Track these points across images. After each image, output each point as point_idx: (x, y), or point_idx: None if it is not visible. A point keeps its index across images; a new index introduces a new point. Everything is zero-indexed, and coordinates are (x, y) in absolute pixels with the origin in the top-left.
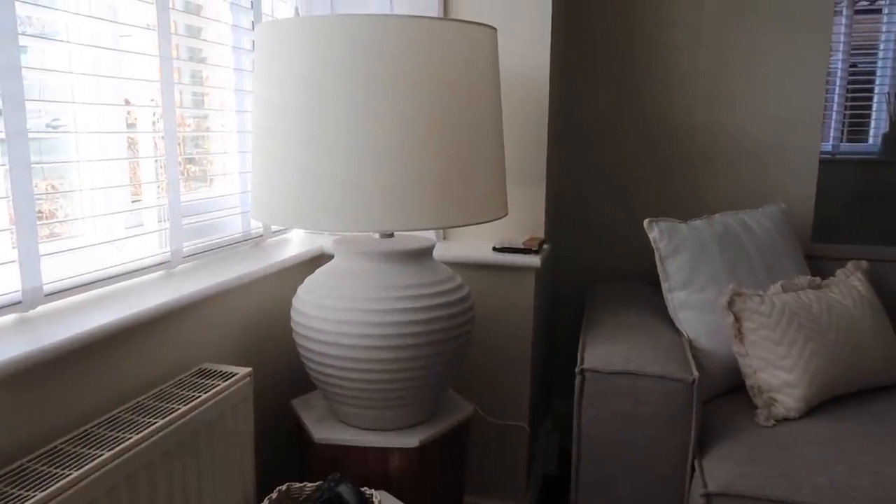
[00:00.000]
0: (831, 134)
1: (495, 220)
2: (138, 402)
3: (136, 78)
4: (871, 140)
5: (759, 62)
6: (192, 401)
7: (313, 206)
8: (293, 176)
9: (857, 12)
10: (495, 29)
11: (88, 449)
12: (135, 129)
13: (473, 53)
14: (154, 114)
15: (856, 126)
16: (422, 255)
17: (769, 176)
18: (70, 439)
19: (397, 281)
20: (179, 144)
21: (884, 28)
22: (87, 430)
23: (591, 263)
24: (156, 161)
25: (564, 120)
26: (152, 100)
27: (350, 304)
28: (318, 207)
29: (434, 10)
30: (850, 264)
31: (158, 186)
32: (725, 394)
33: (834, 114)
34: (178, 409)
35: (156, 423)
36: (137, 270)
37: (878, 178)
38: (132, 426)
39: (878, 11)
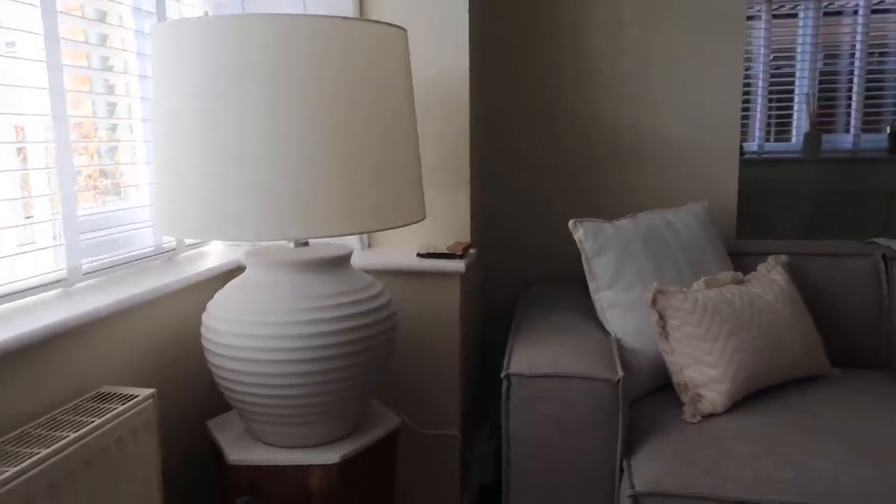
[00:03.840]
0: (756, 134)
1: (412, 223)
2: (23, 431)
3: (23, 85)
4: (793, 140)
5: (678, 65)
6: (84, 427)
7: (219, 215)
8: (197, 185)
9: (775, 17)
10: (405, 30)
11: None
12: (23, 142)
13: (382, 54)
14: (44, 124)
15: (780, 127)
16: (338, 263)
17: (693, 175)
18: None
19: (311, 291)
20: (92, 155)
21: (800, 32)
22: None
23: (522, 269)
24: (47, 173)
25: (488, 124)
26: (42, 111)
27: (261, 317)
28: (223, 217)
29: (349, 12)
30: (770, 259)
31: (52, 200)
32: (655, 392)
33: (759, 115)
34: (68, 436)
35: (38, 453)
36: (31, 289)
37: (800, 176)
38: (12, 458)
39: (795, 16)
